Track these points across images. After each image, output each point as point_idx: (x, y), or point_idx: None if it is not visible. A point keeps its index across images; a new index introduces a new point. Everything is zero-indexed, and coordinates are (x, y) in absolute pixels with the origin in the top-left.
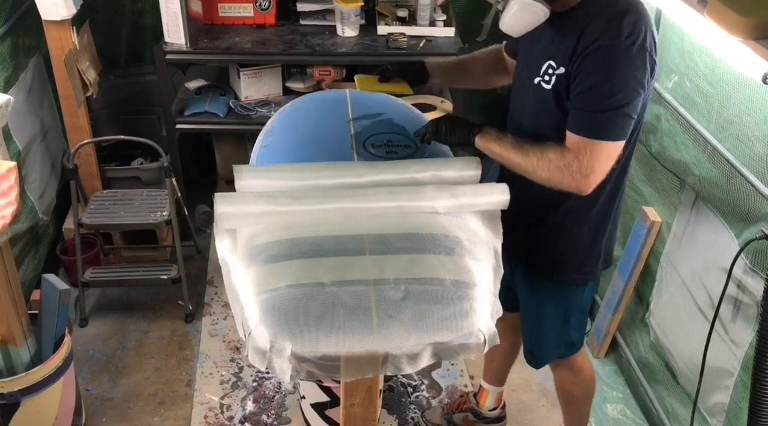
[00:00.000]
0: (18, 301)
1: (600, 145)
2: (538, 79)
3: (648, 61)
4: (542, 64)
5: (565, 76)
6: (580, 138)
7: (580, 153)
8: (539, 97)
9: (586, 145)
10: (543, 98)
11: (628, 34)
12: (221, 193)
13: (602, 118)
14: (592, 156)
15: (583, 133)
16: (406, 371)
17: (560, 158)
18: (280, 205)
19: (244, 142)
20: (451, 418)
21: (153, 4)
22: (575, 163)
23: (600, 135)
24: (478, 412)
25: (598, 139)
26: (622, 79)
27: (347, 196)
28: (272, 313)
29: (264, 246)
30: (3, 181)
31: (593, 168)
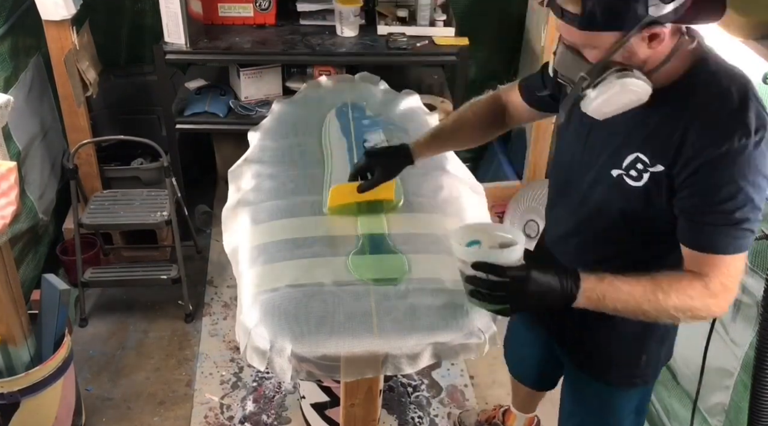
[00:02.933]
0: (18, 301)
1: (736, 260)
2: (618, 171)
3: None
4: (625, 155)
5: (665, 177)
6: (714, 256)
7: (717, 274)
8: (620, 192)
9: (723, 262)
10: (626, 195)
11: (757, 128)
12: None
13: (737, 231)
14: (729, 274)
15: (717, 251)
16: (406, 371)
17: (696, 289)
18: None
19: (244, 142)
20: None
21: (153, 4)
22: (715, 286)
23: (738, 249)
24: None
25: (735, 254)
26: (756, 184)
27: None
28: (272, 313)
29: (264, 246)
30: (3, 181)
31: (732, 286)
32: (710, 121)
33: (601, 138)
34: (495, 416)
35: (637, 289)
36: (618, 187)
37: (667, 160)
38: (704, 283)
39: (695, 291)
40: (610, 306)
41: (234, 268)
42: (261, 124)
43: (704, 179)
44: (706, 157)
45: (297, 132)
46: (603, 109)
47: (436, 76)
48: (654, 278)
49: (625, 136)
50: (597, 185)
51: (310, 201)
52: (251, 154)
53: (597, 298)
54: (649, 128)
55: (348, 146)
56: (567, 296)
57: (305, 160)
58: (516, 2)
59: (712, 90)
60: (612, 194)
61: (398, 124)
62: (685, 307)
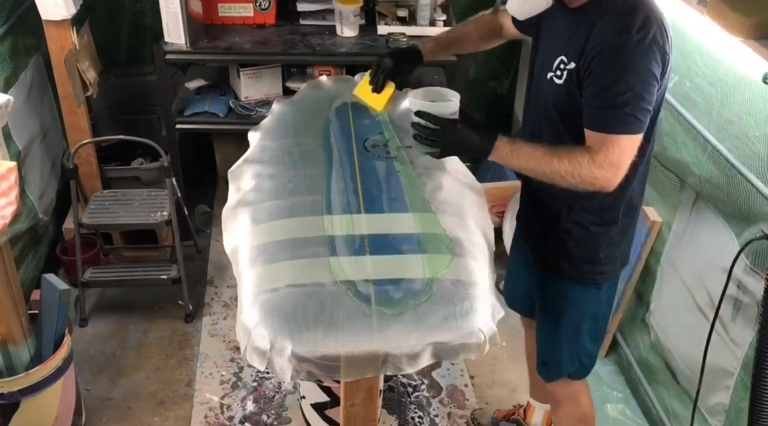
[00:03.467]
0: (18, 301)
1: (621, 139)
2: (550, 73)
3: (659, 53)
4: (555, 59)
5: (575, 71)
6: (601, 135)
7: (603, 149)
8: (551, 91)
9: (608, 140)
10: (555, 92)
11: (638, 29)
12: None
13: (621, 113)
14: (615, 151)
15: (604, 130)
16: (406, 371)
17: (584, 158)
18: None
19: (244, 142)
20: (498, 424)
21: (153, 4)
22: (600, 159)
23: (620, 129)
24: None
25: (619, 134)
26: (636, 74)
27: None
28: (272, 313)
29: (264, 246)
30: (3, 181)
31: (618, 162)
32: (605, 23)
33: (544, 47)
34: (515, 412)
35: (537, 152)
36: (550, 86)
37: (576, 58)
38: (591, 155)
39: (583, 159)
40: (516, 163)
41: (234, 268)
42: (261, 124)
43: (595, 69)
44: (597, 50)
45: (297, 132)
46: (518, 9)
47: (436, 76)
48: (554, 147)
49: (555, 42)
50: (541, 87)
51: (310, 201)
52: (251, 154)
53: (506, 154)
54: (568, 34)
55: (348, 146)
56: (484, 149)
57: (305, 160)
58: None
59: (619, 3)
60: (548, 93)
61: (398, 123)
62: (574, 171)
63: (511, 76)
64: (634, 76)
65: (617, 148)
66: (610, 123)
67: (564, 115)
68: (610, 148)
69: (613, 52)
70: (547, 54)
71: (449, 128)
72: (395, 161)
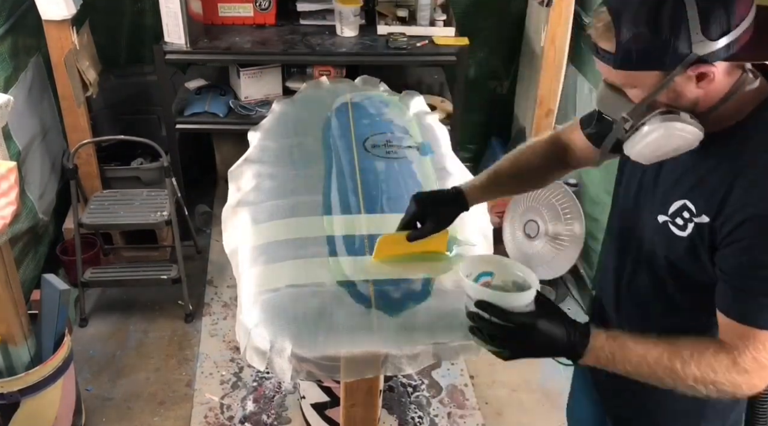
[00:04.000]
0: (18, 301)
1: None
2: (664, 218)
3: None
4: (672, 201)
5: (708, 229)
6: (749, 328)
7: (750, 348)
8: (664, 239)
9: (759, 336)
10: (671, 243)
11: None
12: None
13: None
14: (766, 348)
15: (755, 323)
16: (406, 371)
17: (722, 361)
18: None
19: (244, 142)
20: None
21: (153, 4)
22: (746, 362)
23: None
24: None
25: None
26: None
27: None
28: (272, 313)
29: (264, 246)
30: (3, 181)
31: (763, 365)
32: (758, 176)
33: (652, 181)
34: None
35: (652, 353)
36: (663, 233)
37: (712, 212)
38: (733, 356)
39: (720, 364)
40: (620, 368)
41: (234, 268)
42: (261, 124)
43: (746, 240)
44: (749, 215)
45: (297, 132)
46: (647, 154)
47: (436, 76)
48: (674, 344)
49: (675, 181)
50: (645, 230)
51: (310, 201)
52: (251, 154)
53: (606, 357)
54: (699, 175)
55: (348, 146)
56: (572, 351)
57: (305, 160)
58: (516, 2)
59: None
60: (658, 241)
61: (398, 123)
62: (707, 380)
63: (511, 76)
64: None
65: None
66: (764, 314)
67: (678, 273)
68: (761, 346)
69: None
70: (659, 192)
71: (525, 329)
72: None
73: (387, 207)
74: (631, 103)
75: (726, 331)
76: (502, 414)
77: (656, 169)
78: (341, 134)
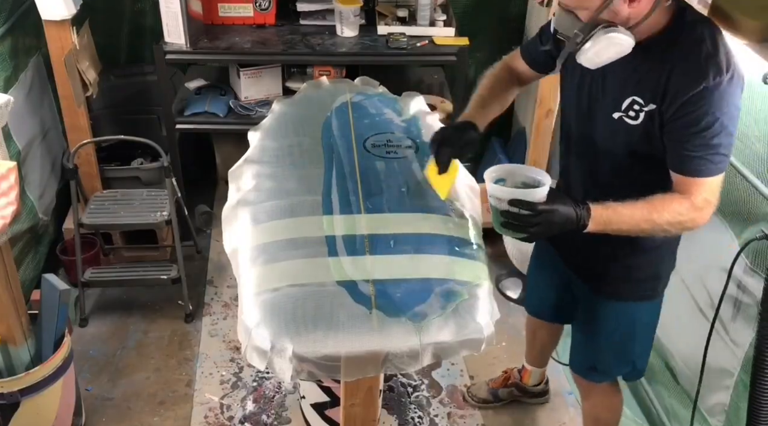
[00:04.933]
0: (18, 301)
1: (716, 180)
2: (618, 114)
3: (741, 84)
4: (623, 99)
5: (657, 113)
6: (697, 179)
7: (699, 192)
8: (621, 131)
9: (705, 183)
10: (627, 133)
11: (728, 67)
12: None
13: (716, 156)
14: (711, 191)
15: (700, 175)
16: (406, 370)
17: (683, 205)
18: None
19: (244, 142)
20: (497, 392)
21: (153, 4)
22: (699, 203)
23: (715, 171)
24: (524, 387)
25: (714, 175)
26: (728, 114)
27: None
28: (273, 313)
29: (264, 246)
30: (3, 181)
31: (713, 200)
32: (689, 64)
33: (600, 88)
34: (509, 377)
35: (636, 212)
36: (620, 126)
37: (657, 100)
38: (690, 201)
39: (683, 207)
40: (615, 228)
41: (234, 268)
42: (261, 124)
43: (687, 113)
44: (688, 94)
45: (297, 132)
46: (595, 60)
47: (436, 76)
48: (649, 201)
49: (622, 85)
50: (602, 129)
51: (310, 201)
52: (251, 154)
53: (604, 222)
54: (641, 74)
55: (348, 146)
56: (581, 224)
57: (305, 160)
58: (516, 2)
59: (689, 37)
60: (616, 134)
61: (398, 123)
62: (676, 221)
63: None
64: (727, 116)
65: (713, 188)
66: (707, 168)
67: (637, 156)
68: (707, 189)
69: (707, 96)
70: (609, 93)
71: (546, 214)
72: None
73: (387, 207)
74: (581, 22)
75: (680, 184)
76: (502, 414)
77: (600, 80)
78: (341, 134)
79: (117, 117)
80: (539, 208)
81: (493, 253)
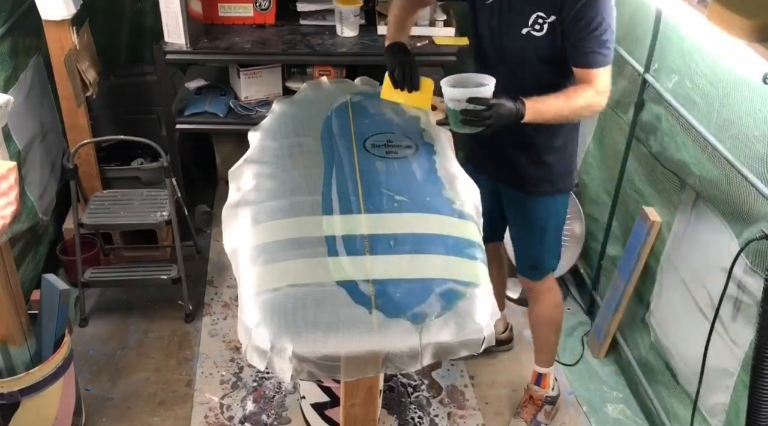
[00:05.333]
0: (18, 301)
1: (608, 69)
2: (526, 29)
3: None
4: (528, 15)
5: (558, 22)
6: (595, 70)
7: (598, 81)
8: (531, 44)
9: (600, 73)
10: (536, 45)
11: None
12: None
13: (606, 49)
14: (606, 79)
15: (596, 66)
16: (406, 371)
17: (589, 92)
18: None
19: (244, 142)
20: None
21: (153, 4)
22: (600, 88)
23: (607, 62)
24: None
25: (607, 65)
26: (609, 15)
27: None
28: (273, 313)
29: (264, 246)
30: (3, 181)
31: (608, 87)
32: None
33: (508, 9)
34: None
35: (558, 101)
36: (529, 40)
37: (557, 11)
38: (593, 87)
39: (589, 94)
40: (546, 116)
41: (234, 269)
42: (261, 124)
43: (580, 19)
44: (578, 3)
45: (297, 132)
46: None
47: (436, 75)
48: (564, 93)
49: (526, 2)
50: (513, 43)
51: (310, 201)
52: (251, 154)
53: (536, 112)
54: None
55: (348, 146)
56: (520, 115)
57: (305, 160)
58: None
59: None
60: (526, 45)
61: (398, 123)
62: (586, 104)
63: None
64: (610, 17)
65: (606, 76)
66: (600, 60)
67: (547, 62)
68: (602, 78)
69: (594, 3)
70: (517, 12)
71: (496, 107)
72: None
73: (387, 207)
74: None
75: (582, 76)
76: (502, 414)
77: (507, 3)
78: (341, 134)
79: (117, 117)
80: (491, 102)
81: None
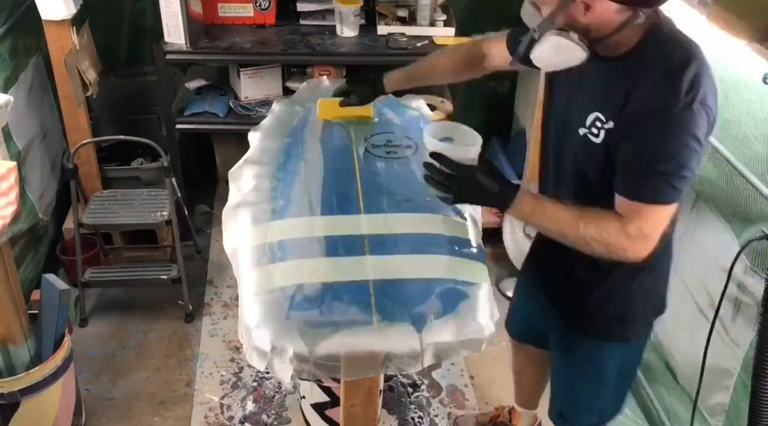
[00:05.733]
0: (18, 301)
1: (657, 209)
2: (584, 130)
3: (706, 115)
4: (588, 115)
5: (614, 132)
6: (635, 203)
7: (636, 219)
8: (586, 149)
9: (643, 210)
10: (590, 151)
11: (687, 91)
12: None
13: (660, 182)
14: (649, 221)
15: (639, 198)
16: (407, 371)
17: (614, 226)
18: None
19: (244, 142)
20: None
21: (153, 4)
22: (632, 230)
23: (657, 199)
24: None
25: (656, 204)
26: (680, 140)
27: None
28: (273, 313)
29: (265, 246)
30: (3, 181)
31: (651, 234)
32: (648, 81)
33: (571, 98)
34: (499, 415)
35: (563, 213)
36: (584, 143)
37: (615, 118)
38: (622, 223)
39: (613, 228)
40: (537, 222)
41: (234, 269)
42: (261, 125)
43: (636, 131)
44: (640, 111)
45: (297, 132)
46: (543, 59)
47: None
48: (581, 209)
49: (588, 96)
50: (570, 142)
51: (311, 201)
52: (251, 154)
53: (527, 210)
54: (605, 90)
55: (348, 146)
56: (503, 202)
57: (305, 160)
58: (516, 2)
59: (657, 53)
60: (581, 151)
61: (399, 123)
62: (601, 239)
63: (511, 76)
64: (679, 143)
65: (651, 219)
66: (646, 192)
67: (603, 177)
68: (644, 218)
69: (659, 116)
70: (578, 108)
71: (466, 175)
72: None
73: (387, 207)
74: (541, 17)
75: (619, 206)
76: None
77: (576, 89)
78: (341, 135)
79: (117, 117)
80: (457, 168)
81: (493, 253)
